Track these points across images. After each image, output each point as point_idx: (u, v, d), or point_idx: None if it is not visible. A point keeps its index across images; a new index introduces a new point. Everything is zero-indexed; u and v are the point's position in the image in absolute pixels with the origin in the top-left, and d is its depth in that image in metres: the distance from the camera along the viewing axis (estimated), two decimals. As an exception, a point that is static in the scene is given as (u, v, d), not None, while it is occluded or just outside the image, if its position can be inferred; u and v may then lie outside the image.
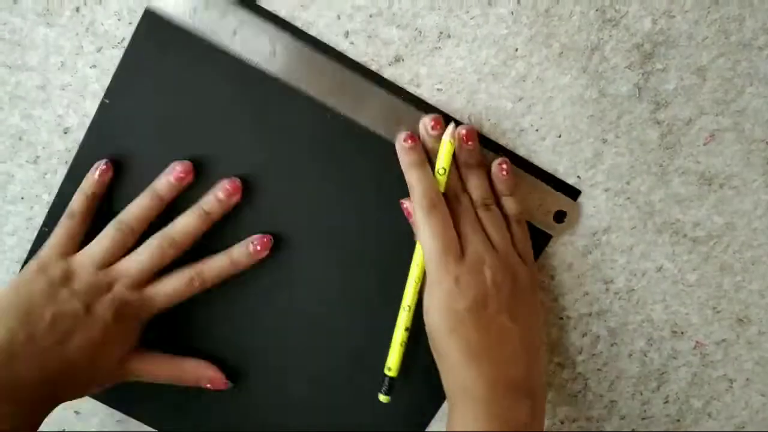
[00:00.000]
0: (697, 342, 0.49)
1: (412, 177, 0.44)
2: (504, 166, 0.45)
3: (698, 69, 0.45)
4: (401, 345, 0.45)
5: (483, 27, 0.44)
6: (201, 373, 0.47)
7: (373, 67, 0.45)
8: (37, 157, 0.47)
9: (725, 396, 0.50)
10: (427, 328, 0.43)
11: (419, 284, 0.44)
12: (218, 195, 0.45)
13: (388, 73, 0.45)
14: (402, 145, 0.44)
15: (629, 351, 0.49)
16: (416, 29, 0.45)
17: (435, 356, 0.44)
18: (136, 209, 0.44)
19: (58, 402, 0.44)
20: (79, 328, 0.42)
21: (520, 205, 0.46)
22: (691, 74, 0.45)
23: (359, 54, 0.45)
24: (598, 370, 0.50)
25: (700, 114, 0.46)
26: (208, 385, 0.47)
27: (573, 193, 0.47)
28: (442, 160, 0.44)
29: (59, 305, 0.42)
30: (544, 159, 0.46)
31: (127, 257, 0.44)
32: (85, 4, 0.45)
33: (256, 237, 0.46)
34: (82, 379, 0.44)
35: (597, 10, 0.44)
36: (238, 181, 0.45)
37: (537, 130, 0.46)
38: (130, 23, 0.45)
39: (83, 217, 0.45)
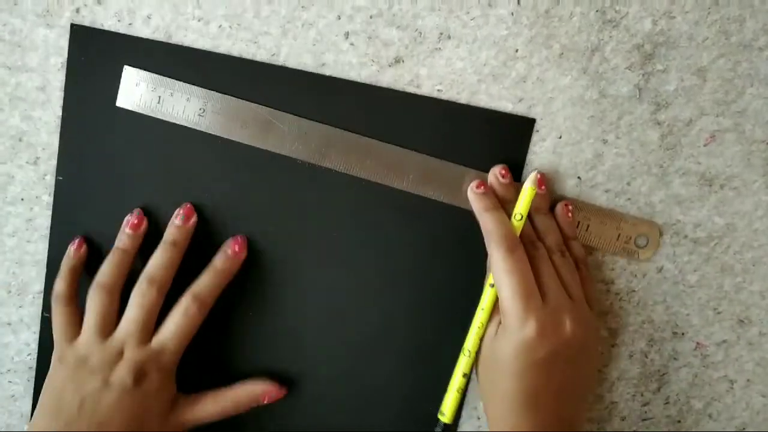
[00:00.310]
0: (697, 343, 0.49)
1: (489, 221, 0.43)
2: (570, 207, 0.45)
3: (699, 70, 0.45)
4: (458, 391, 0.44)
5: (483, 28, 0.44)
6: (254, 392, 0.47)
7: (374, 68, 0.45)
8: (37, 158, 0.47)
9: (726, 397, 0.50)
10: (486, 368, 0.43)
11: (483, 330, 0.43)
12: (175, 222, 0.46)
13: (388, 74, 0.45)
14: (474, 192, 0.44)
15: (630, 352, 0.49)
16: (416, 30, 0.45)
17: (484, 392, 0.43)
18: (106, 268, 0.45)
19: None
20: (106, 403, 0.43)
21: (583, 248, 0.46)
22: (692, 75, 0.45)
23: (359, 55, 0.45)
24: (599, 371, 0.50)
25: (701, 115, 0.45)
26: (266, 401, 0.47)
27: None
28: (521, 206, 0.43)
29: (81, 388, 0.43)
30: (544, 160, 0.46)
31: (123, 319, 0.44)
32: (86, 5, 0.45)
33: (228, 242, 0.46)
34: None
35: (597, 11, 0.44)
36: (189, 205, 0.46)
37: (537, 131, 0.46)
38: (130, 24, 0.45)
39: (70, 298, 0.46)
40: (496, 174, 0.45)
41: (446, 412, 0.45)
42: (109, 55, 0.45)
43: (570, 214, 0.45)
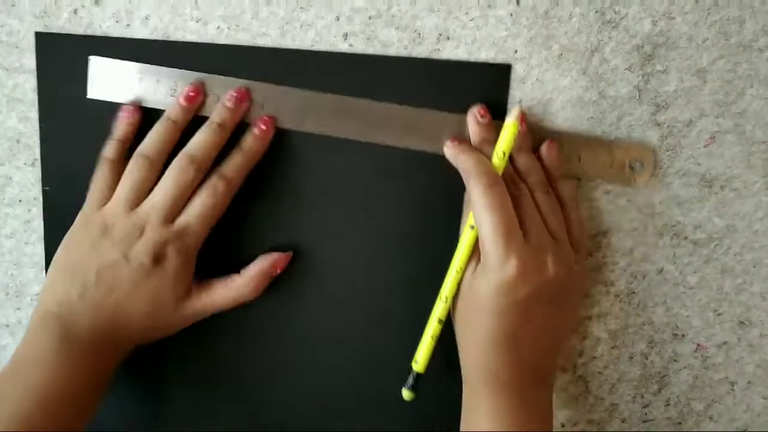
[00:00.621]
0: (698, 345, 0.49)
1: (466, 160, 0.42)
2: (554, 144, 0.44)
3: (698, 71, 0.45)
4: (432, 338, 0.43)
5: (482, 29, 0.44)
6: (264, 267, 0.46)
7: (372, 69, 0.45)
8: (35, 159, 0.47)
9: (726, 399, 0.50)
10: (463, 309, 0.42)
11: (461, 275, 0.42)
12: (226, 104, 0.44)
13: (387, 75, 0.45)
14: (450, 145, 0.44)
15: (630, 354, 0.49)
16: (415, 31, 0.44)
17: (461, 330, 0.43)
18: (150, 138, 0.43)
19: (121, 352, 0.44)
20: (122, 277, 0.42)
21: (575, 188, 0.44)
22: (692, 76, 0.45)
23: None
24: (599, 373, 0.49)
25: (701, 116, 0.45)
26: (278, 271, 0.46)
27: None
28: (503, 143, 0.42)
29: (102, 258, 0.42)
30: (544, 161, 0.46)
31: (154, 191, 0.43)
32: (83, 6, 0.45)
33: (257, 119, 0.45)
34: (140, 327, 0.44)
35: (597, 12, 0.44)
36: (243, 89, 0.44)
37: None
38: (128, 25, 0.45)
39: (115, 164, 0.44)
40: (474, 114, 0.44)
41: (419, 359, 0.44)
42: (77, 56, 0.45)
43: (555, 152, 0.44)
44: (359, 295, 0.48)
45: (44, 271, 0.49)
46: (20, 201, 0.48)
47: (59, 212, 0.46)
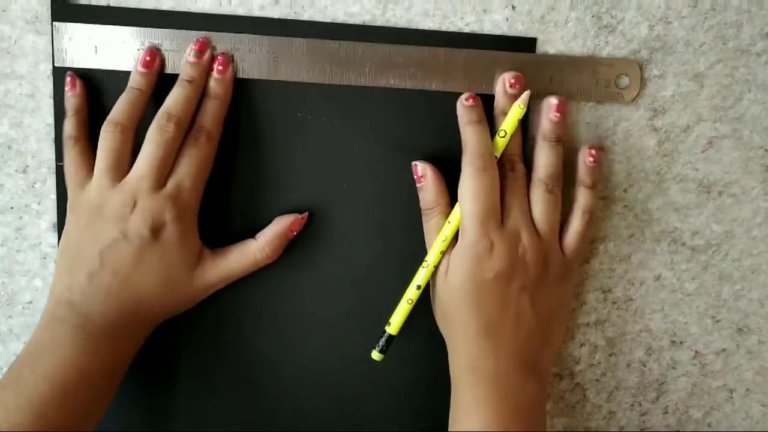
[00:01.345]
0: (696, 352, 0.49)
1: (468, 133, 0.42)
2: (594, 153, 0.43)
3: (696, 75, 0.44)
4: (409, 303, 0.43)
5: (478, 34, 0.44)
6: (280, 230, 0.45)
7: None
8: (27, 166, 0.47)
9: (725, 406, 0.49)
10: (443, 294, 0.42)
11: (447, 245, 0.42)
12: (189, 59, 0.43)
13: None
14: (463, 103, 0.43)
15: (628, 361, 0.49)
16: (410, 36, 0.44)
17: (444, 328, 0.43)
18: (116, 107, 0.42)
19: (140, 333, 0.44)
20: (125, 255, 0.41)
21: (593, 202, 0.44)
22: (689, 81, 0.44)
23: (353, 61, 0.44)
24: (597, 380, 0.49)
25: (698, 121, 0.45)
26: (295, 232, 0.45)
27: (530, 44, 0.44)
28: (507, 123, 0.42)
29: (100, 240, 0.41)
30: (540, 167, 0.46)
31: (137, 159, 0.42)
32: (75, 11, 0.44)
33: (213, 61, 0.43)
34: (156, 302, 0.43)
35: (593, 17, 0.44)
36: (202, 39, 0.43)
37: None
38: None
39: (80, 140, 0.43)
40: (504, 81, 0.43)
41: (393, 322, 0.44)
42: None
43: (592, 159, 0.43)
44: (371, 270, 0.47)
45: (36, 279, 0.48)
46: (11, 208, 0.47)
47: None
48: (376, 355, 0.44)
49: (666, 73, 0.44)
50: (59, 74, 0.44)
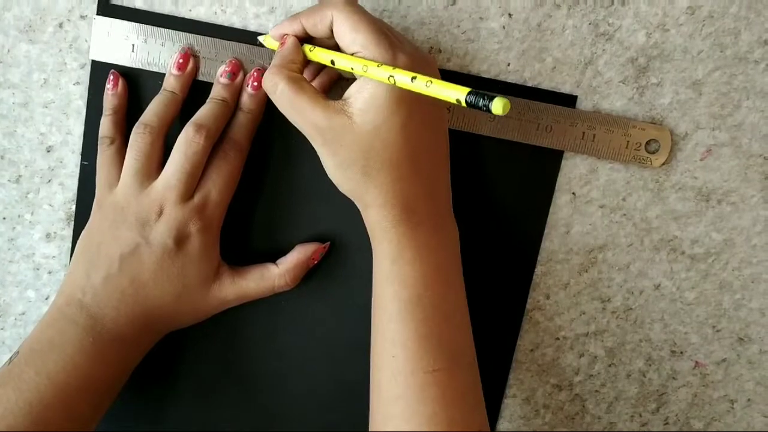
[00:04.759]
0: (696, 362, 0.48)
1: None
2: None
3: (694, 83, 0.44)
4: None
5: (474, 42, 0.44)
6: (302, 258, 0.44)
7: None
8: (20, 176, 0.46)
9: (726, 417, 0.49)
10: (363, 138, 0.38)
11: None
12: (221, 80, 0.43)
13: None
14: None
15: (627, 371, 0.48)
16: (406, 44, 0.44)
17: (362, 180, 0.39)
18: (149, 108, 0.42)
19: (148, 340, 0.43)
20: (146, 261, 0.41)
21: None
22: (687, 88, 0.44)
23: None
24: (596, 391, 0.49)
25: (697, 129, 0.45)
26: (316, 261, 0.45)
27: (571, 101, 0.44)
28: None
29: (122, 243, 0.41)
30: (538, 175, 0.45)
31: (165, 168, 0.41)
32: (69, 20, 0.44)
33: (248, 77, 0.43)
34: (168, 312, 0.42)
35: (590, 24, 0.43)
36: (235, 60, 0.43)
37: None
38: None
39: (114, 141, 0.43)
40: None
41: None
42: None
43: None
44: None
45: (29, 290, 0.48)
46: (4, 219, 0.47)
47: (93, 188, 0.44)
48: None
49: (664, 81, 0.44)
50: (96, 69, 0.44)
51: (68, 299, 0.41)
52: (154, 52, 0.44)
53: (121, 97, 0.44)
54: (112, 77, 0.44)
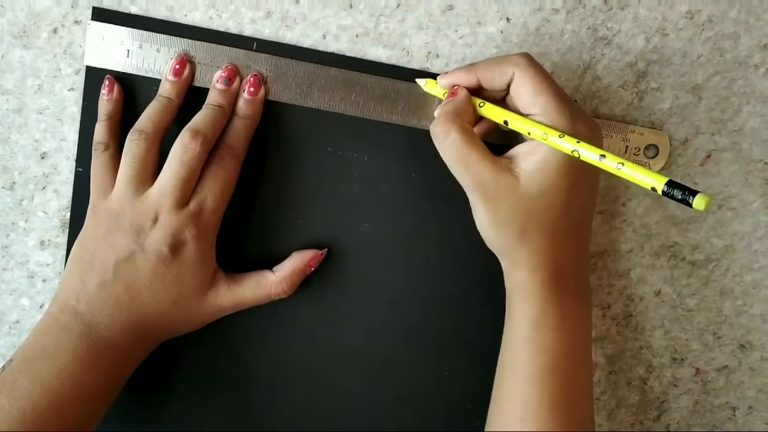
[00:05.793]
0: (697, 369, 0.48)
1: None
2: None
3: (693, 88, 0.44)
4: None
5: (472, 47, 0.43)
6: (300, 265, 0.44)
7: (360, 88, 0.44)
8: (14, 183, 0.46)
9: (728, 424, 0.49)
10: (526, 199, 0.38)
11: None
12: (217, 86, 0.43)
13: (375, 94, 0.44)
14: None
15: (628, 379, 0.48)
16: (404, 49, 0.44)
17: (513, 237, 0.39)
18: (144, 114, 0.42)
19: (143, 348, 0.43)
20: (141, 269, 0.41)
21: None
22: (686, 93, 0.44)
23: (345, 75, 0.44)
24: (596, 399, 0.48)
25: (696, 134, 0.45)
26: (313, 268, 0.45)
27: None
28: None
29: (117, 250, 0.40)
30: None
31: (160, 174, 0.41)
32: (63, 25, 0.44)
33: (244, 83, 0.43)
34: (163, 320, 0.42)
35: (589, 29, 0.43)
36: (231, 66, 0.43)
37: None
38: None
39: (109, 147, 0.42)
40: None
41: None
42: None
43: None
44: (382, 312, 0.47)
45: (23, 298, 0.48)
46: (-2, 225, 0.46)
47: (88, 194, 0.44)
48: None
49: (663, 86, 0.44)
50: (91, 74, 0.44)
51: (62, 307, 0.41)
52: (149, 57, 0.43)
53: (117, 102, 0.43)
54: (107, 82, 0.43)
